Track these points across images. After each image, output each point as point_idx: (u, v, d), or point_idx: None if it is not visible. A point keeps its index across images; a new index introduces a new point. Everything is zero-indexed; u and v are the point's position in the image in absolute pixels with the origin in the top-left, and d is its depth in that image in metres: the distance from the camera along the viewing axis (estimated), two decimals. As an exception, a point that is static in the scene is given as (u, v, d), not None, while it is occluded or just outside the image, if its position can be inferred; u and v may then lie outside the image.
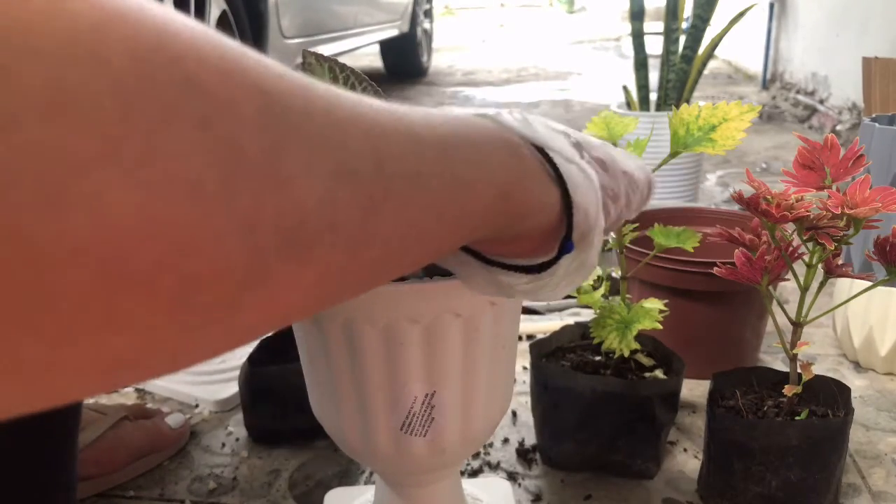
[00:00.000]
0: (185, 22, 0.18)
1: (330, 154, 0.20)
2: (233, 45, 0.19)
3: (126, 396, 0.95)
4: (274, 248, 0.18)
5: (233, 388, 0.90)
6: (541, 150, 0.33)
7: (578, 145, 0.36)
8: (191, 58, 0.17)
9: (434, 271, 0.49)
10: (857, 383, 0.96)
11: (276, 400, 0.81)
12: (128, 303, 0.16)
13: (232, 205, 0.17)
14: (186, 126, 0.16)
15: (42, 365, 0.15)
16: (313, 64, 0.48)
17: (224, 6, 1.89)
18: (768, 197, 0.62)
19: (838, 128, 2.52)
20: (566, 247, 0.34)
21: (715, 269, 0.67)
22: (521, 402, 0.91)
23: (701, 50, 1.78)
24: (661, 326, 0.71)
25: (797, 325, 0.67)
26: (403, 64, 4.35)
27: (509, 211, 0.31)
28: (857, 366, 1.01)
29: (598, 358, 0.81)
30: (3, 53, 0.14)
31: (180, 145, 0.16)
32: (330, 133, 0.21)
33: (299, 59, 0.47)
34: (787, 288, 1.21)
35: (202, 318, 0.18)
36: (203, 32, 0.18)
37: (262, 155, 0.18)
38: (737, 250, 0.67)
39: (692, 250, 0.76)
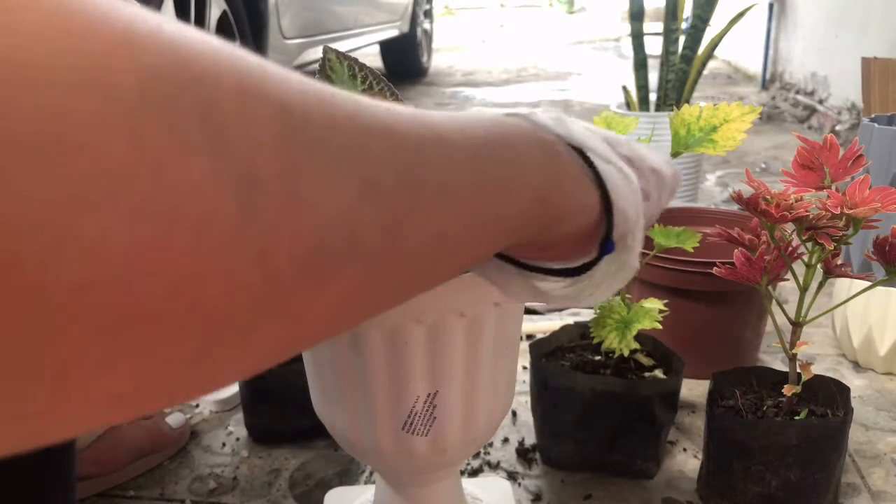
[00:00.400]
0: (205, 41, 0.17)
1: (351, 170, 0.19)
2: (253, 63, 0.18)
3: (126, 396, 0.95)
4: (290, 274, 0.18)
5: (233, 388, 0.91)
6: (576, 150, 0.32)
7: (608, 141, 0.35)
8: (208, 82, 0.16)
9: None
10: (856, 383, 0.97)
11: (276, 400, 0.81)
12: (134, 339, 0.15)
13: (245, 234, 0.16)
14: (200, 157, 0.15)
15: (45, 407, 0.15)
16: (333, 61, 0.48)
17: (224, 6, 1.89)
18: (768, 197, 0.63)
19: (837, 128, 2.52)
20: (607, 247, 0.33)
21: (714, 269, 0.67)
22: (521, 401, 0.91)
23: (700, 50, 1.78)
24: (660, 326, 0.71)
25: (796, 325, 0.67)
26: (403, 64, 4.35)
27: (547, 214, 0.30)
28: (857, 365, 1.01)
29: (597, 358, 0.81)
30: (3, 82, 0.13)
31: (192, 177, 0.15)
32: (352, 147, 0.20)
33: (314, 56, 0.47)
34: (787, 288, 1.21)
35: (213, 350, 0.17)
36: (222, 52, 0.17)
37: (279, 179, 0.17)
38: (736, 250, 0.67)
39: (692, 250, 0.76)
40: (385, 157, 0.21)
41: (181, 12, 1.70)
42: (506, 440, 0.85)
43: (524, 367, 1.00)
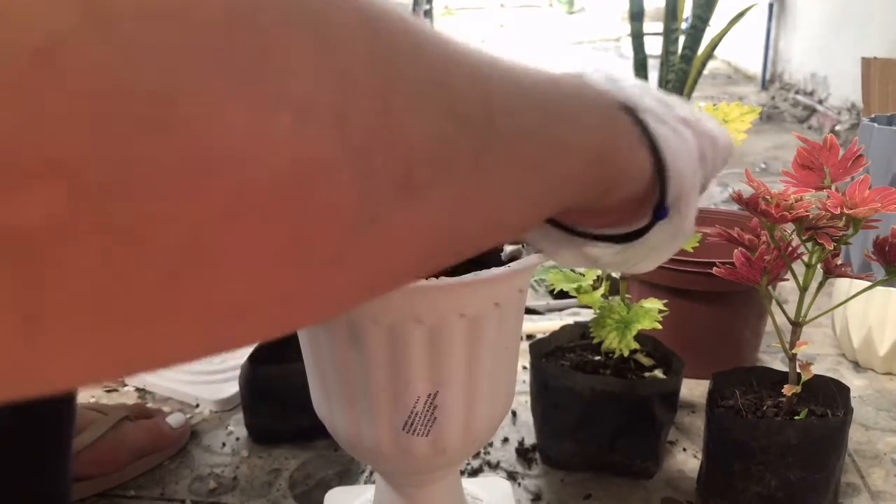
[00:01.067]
0: None
1: (441, 96, 0.19)
2: None
3: (127, 396, 0.95)
4: (386, 186, 0.17)
5: (233, 388, 0.91)
6: (629, 111, 0.31)
7: (662, 101, 0.33)
8: None
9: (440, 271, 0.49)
10: (856, 383, 0.97)
11: (276, 400, 0.81)
12: (244, 233, 0.14)
13: (345, 134, 0.15)
14: (300, 43, 0.14)
15: (160, 313, 0.14)
16: None
17: (224, 6, 1.88)
18: (767, 197, 0.63)
19: (837, 128, 2.52)
20: (660, 213, 0.32)
21: (714, 269, 0.67)
22: (521, 401, 0.91)
23: (700, 50, 1.78)
24: (660, 326, 0.71)
25: (796, 325, 0.67)
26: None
27: (604, 176, 0.29)
28: (857, 365, 1.01)
29: (597, 358, 0.81)
30: None
31: (293, 62, 0.14)
32: (441, 76, 0.19)
33: None
34: (787, 288, 1.21)
35: (315, 262, 0.16)
36: None
37: (373, 89, 0.16)
38: (736, 250, 0.67)
39: (692, 250, 0.76)
40: (472, 92, 0.20)
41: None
42: (506, 440, 0.85)
43: (524, 367, 1.00)
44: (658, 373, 0.78)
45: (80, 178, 0.12)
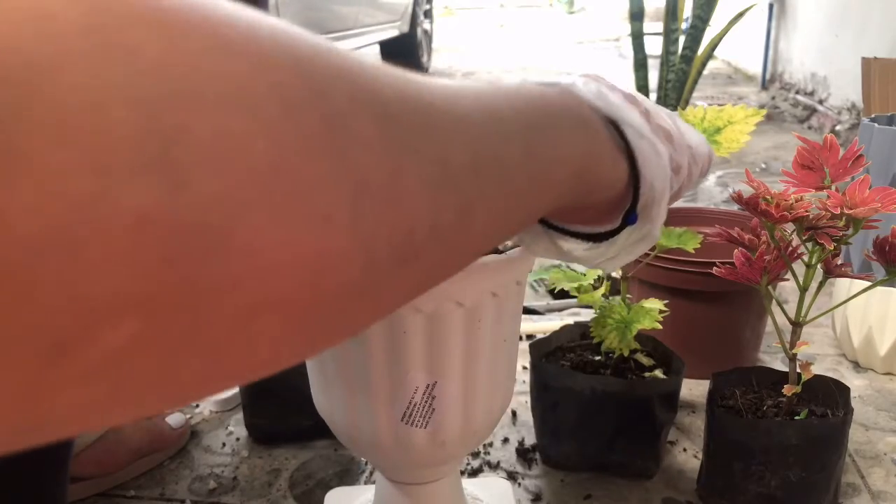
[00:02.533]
0: (310, 42, 0.19)
1: (439, 165, 0.21)
2: (353, 61, 0.20)
3: (126, 396, 0.95)
4: (386, 260, 0.20)
5: (233, 388, 0.91)
6: (613, 124, 0.33)
7: (647, 113, 0.36)
8: (329, 91, 0.18)
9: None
10: (856, 383, 0.97)
11: (276, 400, 0.81)
12: (267, 324, 0.17)
13: (357, 229, 0.18)
14: (326, 162, 0.17)
15: (198, 378, 0.17)
16: None
17: (224, 6, 1.88)
18: (768, 197, 0.63)
19: (837, 128, 2.52)
20: (630, 219, 0.35)
21: (714, 269, 0.67)
22: (521, 401, 0.91)
23: (700, 50, 1.78)
24: (661, 326, 0.71)
25: (796, 325, 0.67)
26: (403, 64, 4.34)
27: (583, 187, 0.31)
28: (857, 365, 1.01)
29: (597, 358, 0.81)
30: (180, 110, 0.14)
31: (318, 182, 0.17)
32: (439, 143, 0.21)
33: None
34: (787, 288, 1.21)
35: (321, 327, 0.19)
36: (330, 54, 0.19)
37: (384, 177, 0.19)
38: (736, 250, 0.67)
39: (692, 250, 0.76)
40: (463, 152, 0.22)
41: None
42: (506, 440, 0.85)
43: (524, 367, 1.00)
44: (658, 373, 0.78)
45: (154, 305, 0.14)
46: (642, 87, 1.83)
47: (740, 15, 1.88)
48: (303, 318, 0.18)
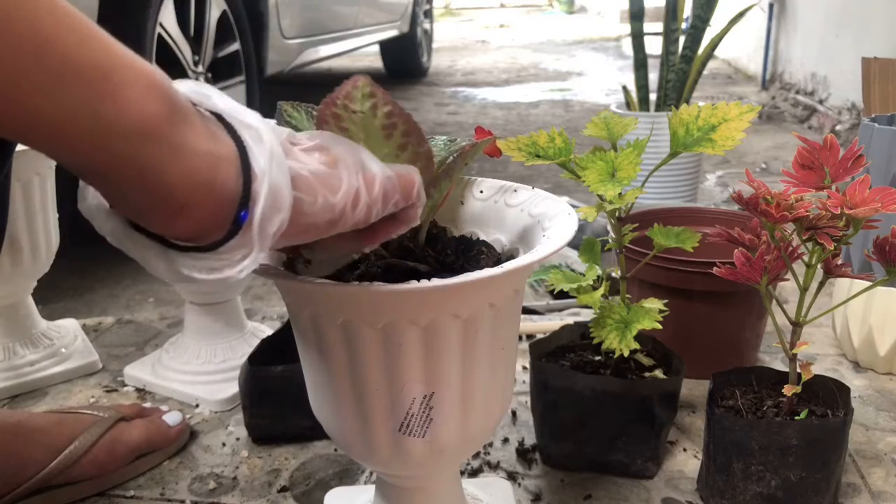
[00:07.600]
0: None
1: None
2: None
3: (126, 396, 0.95)
4: None
5: (233, 388, 0.90)
6: (224, 122, 0.35)
7: (294, 137, 0.37)
8: None
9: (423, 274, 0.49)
10: (856, 383, 0.97)
11: (276, 400, 0.81)
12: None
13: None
14: None
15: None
16: (289, 111, 0.47)
17: (224, 6, 1.89)
18: (768, 197, 0.63)
19: (838, 128, 2.52)
20: (241, 218, 0.34)
21: (714, 269, 0.67)
22: (521, 401, 0.91)
23: (700, 50, 1.78)
24: (660, 326, 0.71)
25: (797, 325, 0.67)
26: (403, 64, 4.35)
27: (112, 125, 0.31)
28: (857, 366, 1.01)
29: (597, 358, 0.81)
30: None
31: None
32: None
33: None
34: (787, 288, 1.21)
35: None
36: None
37: None
38: (736, 250, 0.67)
39: (692, 250, 0.76)
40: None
41: (181, 13, 1.69)
42: (506, 440, 0.85)
43: (524, 367, 1.00)
44: (658, 373, 0.78)
45: None
46: (642, 87, 1.83)
47: (740, 15, 1.88)
48: None
